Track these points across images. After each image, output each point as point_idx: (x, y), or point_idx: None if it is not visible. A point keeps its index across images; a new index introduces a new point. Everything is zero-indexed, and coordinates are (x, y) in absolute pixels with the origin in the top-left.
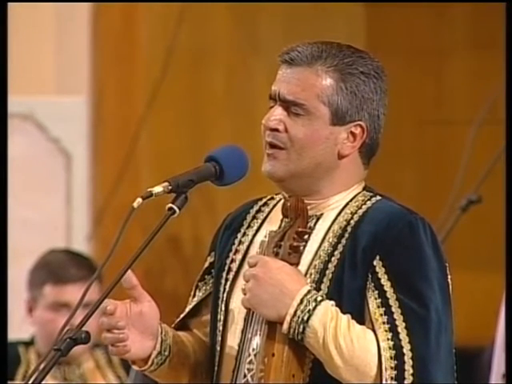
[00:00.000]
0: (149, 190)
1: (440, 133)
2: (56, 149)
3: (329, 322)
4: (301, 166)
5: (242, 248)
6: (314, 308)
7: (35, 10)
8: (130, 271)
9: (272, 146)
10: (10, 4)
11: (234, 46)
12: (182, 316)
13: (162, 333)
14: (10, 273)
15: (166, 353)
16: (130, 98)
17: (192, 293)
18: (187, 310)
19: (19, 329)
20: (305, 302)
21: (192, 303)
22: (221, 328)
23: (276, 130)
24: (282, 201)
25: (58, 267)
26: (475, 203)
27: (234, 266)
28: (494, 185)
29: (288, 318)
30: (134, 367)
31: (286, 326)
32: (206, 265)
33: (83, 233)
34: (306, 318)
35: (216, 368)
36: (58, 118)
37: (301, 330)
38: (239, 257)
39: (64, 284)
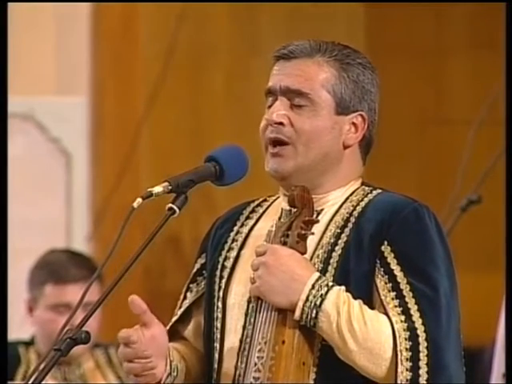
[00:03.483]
0: (149, 190)
1: (440, 132)
2: (56, 149)
3: (342, 306)
4: (308, 158)
5: (236, 246)
6: (327, 292)
7: (35, 10)
8: (136, 297)
9: (276, 142)
10: (9, 4)
11: (233, 46)
12: (173, 320)
13: (170, 354)
14: (10, 273)
15: (175, 373)
16: (129, 98)
17: (182, 295)
18: (179, 313)
19: (19, 329)
20: (316, 287)
21: (184, 306)
22: (219, 326)
23: (281, 123)
24: (277, 201)
25: (59, 267)
26: (475, 203)
27: (229, 264)
28: (494, 185)
29: (300, 304)
30: None
31: (298, 311)
32: (198, 266)
33: (83, 233)
34: (318, 303)
35: (216, 365)
36: (57, 118)
37: (313, 315)
38: (233, 254)
39: (64, 284)
